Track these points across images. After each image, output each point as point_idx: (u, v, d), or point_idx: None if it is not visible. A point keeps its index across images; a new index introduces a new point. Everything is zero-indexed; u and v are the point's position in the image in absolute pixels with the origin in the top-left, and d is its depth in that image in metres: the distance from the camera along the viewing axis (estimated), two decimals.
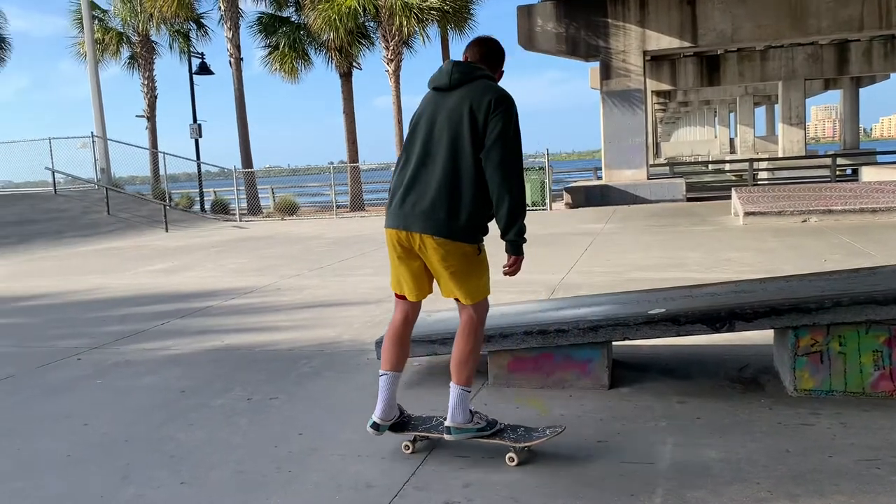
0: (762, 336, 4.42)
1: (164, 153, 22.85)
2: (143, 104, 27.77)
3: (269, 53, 25.70)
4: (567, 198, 18.77)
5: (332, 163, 22.69)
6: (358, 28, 24.26)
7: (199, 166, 24.04)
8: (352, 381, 4.40)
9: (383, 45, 23.75)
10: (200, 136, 24.45)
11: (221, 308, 7.08)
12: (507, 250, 3.07)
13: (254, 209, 23.13)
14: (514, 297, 6.66)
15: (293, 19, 25.90)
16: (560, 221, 14.67)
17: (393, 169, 3.25)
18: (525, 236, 3.05)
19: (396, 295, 3.24)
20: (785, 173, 27.19)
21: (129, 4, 26.41)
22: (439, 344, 4.13)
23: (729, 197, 14.53)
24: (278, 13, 26.00)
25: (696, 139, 70.23)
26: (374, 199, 27.11)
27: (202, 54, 25.21)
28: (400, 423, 3.25)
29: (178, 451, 3.42)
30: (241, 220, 20.59)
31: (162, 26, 26.45)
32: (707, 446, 3.14)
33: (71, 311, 7.37)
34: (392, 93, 23.89)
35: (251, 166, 24.45)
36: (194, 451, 3.41)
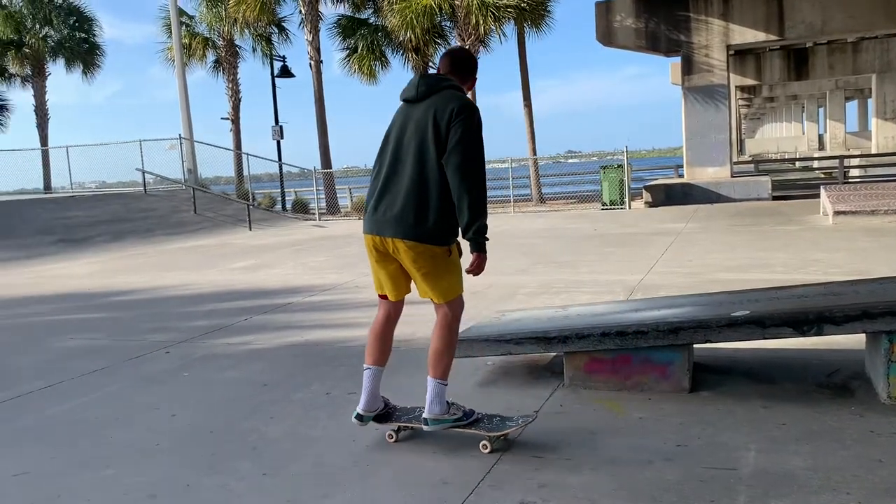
0: (852, 341, 4.23)
1: (247, 154, 23.58)
2: (228, 107, 28.67)
3: (348, 55, 26.13)
4: (646, 196, 18.38)
5: None
6: (434, 27, 24.41)
7: (280, 167, 24.66)
8: (426, 379, 4.42)
9: (459, 43, 23.81)
10: (282, 138, 25.08)
11: (302, 304, 7.25)
12: (470, 249, 3.17)
13: (332, 208, 23.60)
14: (590, 298, 6.58)
15: (371, 21, 26.26)
16: (639, 220, 14.39)
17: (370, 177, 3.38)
18: (487, 236, 3.17)
19: (379, 295, 3.47)
20: (878, 171, 25.89)
21: (214, 10, 27.32)
22: (514, 344, 4.11)
23: (817, 195, 13.95)
24: (357, 15, 26.40)
25: (783, 135, 67.64)
26: None
27: (284, 57, 25.86)
28: (385, 414, 3.42)
29: (259, 442, 3.53)
30: (320, 220, 21.03)
31: (245, 31, 27.25)
32: (793, 453, 3.03)
33: (160, 306, 7.69)
34: (468, 92, 23.91)
35: (330, 167, 24.93)
36: (275, 444, 3.50)
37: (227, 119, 28.54)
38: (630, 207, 17.99)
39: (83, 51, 30.87)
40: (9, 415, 4.19)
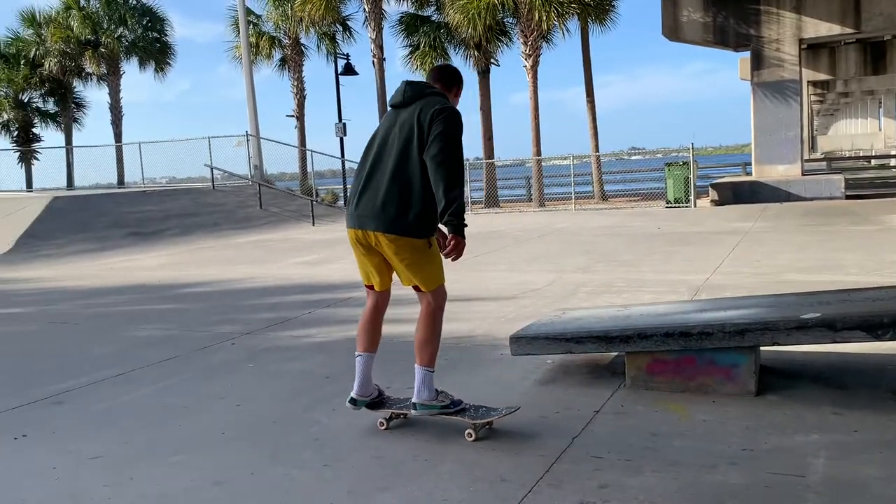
0: None
1: (311, 151, 23.96)
2: (293, 104, 29.23)
3: (410, 53, 26.31)
4: (713, 194, 17.96)
5: (467, 159, 22.92)
6: (496, 24, 24.35)
7: (343, 164, 24.98)
8: (485, 375, 4.44)
9: (521, 40, 23.71)
10: (345, 135, 25.40)
11: (362, 299, 7.30)
12: (447, 232, 3.30)
13: None
14: (653, 297, 6.48)
15: (433, 18, 26.38)
16: (705, 219, 14.07)
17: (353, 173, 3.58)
18: (461, 223, 3.27)
19: (366, 286, 3.64)
20: None
21: (280, 9, 27.87)
22: (574, 343, 4.08)
23: (894, 195, 13.38)
24: (419, 12, 26.55)
25: (857, 132, 65.11)
26: (508, 196, 27.17)
27: (347, 55, 26.13)
28: (378, 402, 3.62)
29: (321, 434, 3.59)
30: None
31: (310, 29, 27.71)
32: (866, 462, 2.92)
33: (226, 299, 7.90)
34: (529, 88, 23.81)
35: None
36: (337, 435, 3.56)
37: (292, 116, 29.09)
38: (696, 206, 17.60)
39: (155, 50, 31.91)
40: (85, 400, 4.38)
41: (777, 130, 17.58)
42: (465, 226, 3.31)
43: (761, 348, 3.85)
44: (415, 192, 3.26)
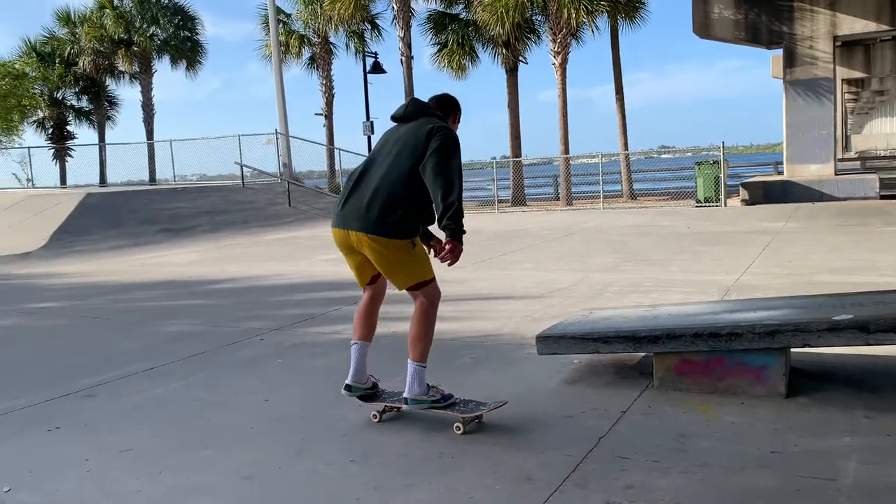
0: None
1: (339, 149, 24.10)
2: (322, 102, 29.41)
3: (438, 51, 26.33)
4: (743, 193, 17.74)
5: (494, 158, 22.90)
6: (525, 22, 24.28)
7: None
8: (511, 374, 4.43)
9: (550, 37, 23.60)
10: (373, 133, 25.52)
11: (389, 296, 7.34)
12: (445, 237, 3.35)
13: None
14: (682, 298, 6.42)
15: (462, 16, 26.37)
16: (735, 218, 13.91)
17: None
18: (459, 227, 3.31)
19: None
20: None
21: (310, 7, 28.04)
22: (601, 342, 4.06)
23: None
24: (448, 10, 26.56)
25: (893, 131, 63.84)
26: (536, 194, 27.08)
27: (375, 54, 26.35)
28: (373, 395, 3.73)
29: (348, 429, 3.62)
30: None
31: (339, 28, 27.86)
32: None
33: (255, 295, 7.98)
34: (558, 86, 23.69)
35: None
36: (363, 431, 3.58)
37: (321, 115, 29.27)
38: (726, 205, 17.40)
39: (187, 48, 32.33)
40: (116, 393, 4.45)
41: (810, 129, 17.31)
42: (464, 231, 3.35)
43: (792, 350, 3.80)
44: (399, 197, 3.36)
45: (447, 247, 3.36)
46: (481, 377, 4.41)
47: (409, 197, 3.37)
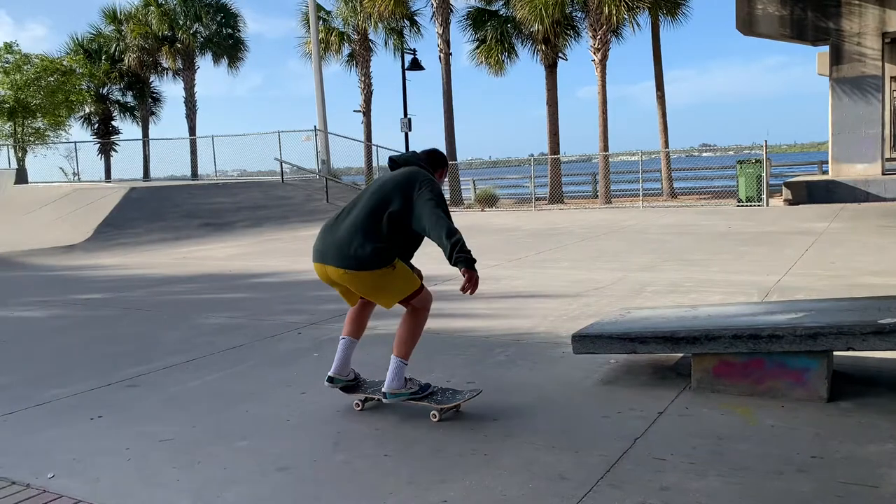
0: None
1: (377, 146, 24.21)
2: (360, 99, 29.57)
3: (477, 47, 26.28)
4: (786, 193, 17.39)
5: (532, 155, 22.79)
6: (564, 18, 24.11)
7: None
8: (546, 373, 4.42)
9: (590, 34, 23.40)
10: (410, 130, 25.58)
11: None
12: (461, 271, 3.49)
13: (456, 200, 23.87)
14: (721, 298, 6.33)
15: (501, 12, 26.28)
16: (777, 219, 13.65)
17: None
18: (469, 255, 3.46)
19: None
20: None
21: (350, 4, 28.21)
22: (639, 343, 4.02)
23: None
24: (487, 7, 26.49)
25: None
26: (573, 192, 26.88)
27: (414, 50, 26.32)
28: (353, 386, 3.93)
29: (382, 424, 3.64)
30: None
31: (379, 25, 27.98)
32: None
33: (293, 290, 8.06)
34: (597, 83, 23.48)
35: (455, 159, 25.20)
36: (397, 426, 3.60)
37: (360, 111, 29.42)
38: (768, 205, 17.08)
39: (229, 45, 32.79)
40: (157, 384, 4.54)
41: (856, 128, 16.90)
42: (474, 260, 3.48)
43: (835, 353, 3.72)
44: (373, 233, 3.53)
45: (465, 277, 3.49)
46: (516, 375, 4.40)
47: (381, 234, 3.54)
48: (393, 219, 3.55)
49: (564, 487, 2.84)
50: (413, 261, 3.82)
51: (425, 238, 3.65)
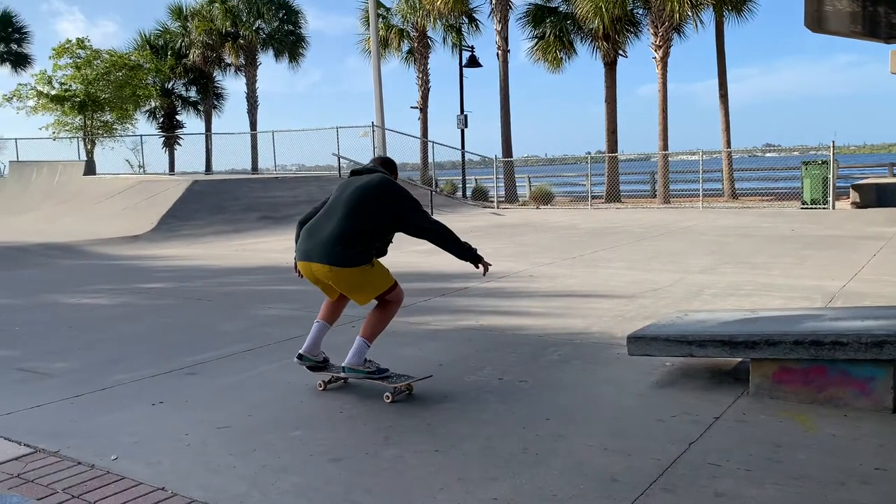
0: None
1: (432, 142, 24.29)
2: (417, 96, 29.69)
3: (535, 44, 26.11)
4: (854, 196, 16.81)
5: (589, 153, 22.52)
6: (625, 15, 23.76)
7: (463, 155, 25.18)
8: (599, 374, 4.37)
9: (651, 31, 23.02)
10: (466, 127, 25.58)
11: (477, 290, 7.39)
12: (474, 265, 4.13)
13: (511, 197, 23.79)
14: (782, 303, 6.17)
15: (560, 9, 26.05)
16: (843, 222, 13.21)
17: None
18: (468, 248, 4.11)
19: None
20: None
21: (409, 1, 28.33)
22: (696, 346, 3.95)
23: None
24: (546, 4, 26.29)
25: None
26: (631, 191, 26.49)
27: (472, 47, 26.29)
28: (321, 367, 4.25)
29: (433, 419, 3.66)
30: (497, 207, 21.27)
31: (437, 21, 28.03)
32: None
33: None
34: (658, 80, 23.09)
35: (511, 156, 25.12)
36: (448, 422, 3.61)
37: (416, 108, 29.55)
38: (834, 207, 16.55)
39: (290, 42, 33.30)
40: (215, 372, 4.66)
41: None
42: (476, 251, 4.10)
43: None
44: (355, 235, 3.89)
45: (481, 269, 4.13)
46: (569, 375, 4.37)
47: (361, 236, 3.90)
48: (374, 224, 3.94)
49: (616, 490, 2.81)
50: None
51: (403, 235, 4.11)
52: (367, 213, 3.94)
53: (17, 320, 6.59)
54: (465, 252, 4.09)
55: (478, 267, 4.12)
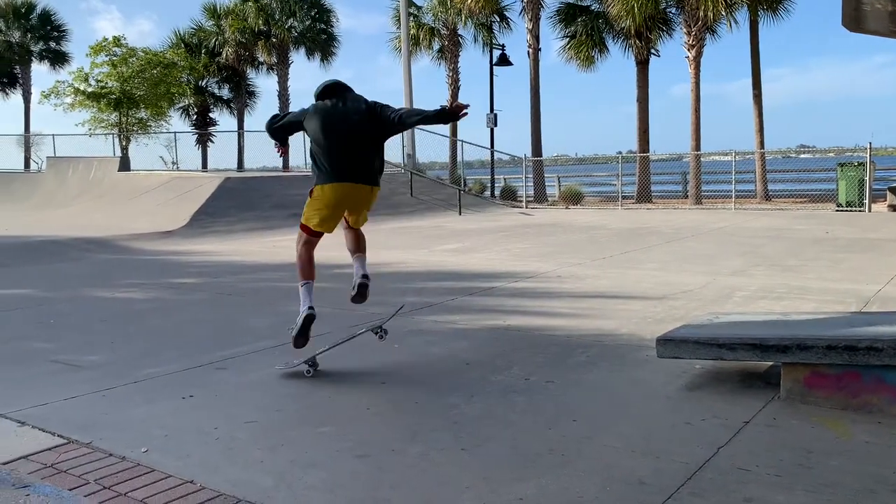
0: None
1: (461, 141, 24.30)
2: (447, 94, 29.70)
3: (567, 43, 25.97)
4: (891, 198, 16.49)
5: (620, 152, 22.35)
6: (658, 13, 23.53)
7: (492, 154, 25.15)
8: (627, 375, 4.34)
9: (684, 30, 22.77)
10: (495, 126, 25.53)
11: (505, 290, 7.38)
12: (440, 117, 4.46)
13: (539, 197, 23.69)
14: (816, 307, 6.06)
15: (592, 8, 25.88)
16: (880, 225, 12.96)
17: (315, 150, 4.64)
18: (438, 110, 4.42)
19: (310, 232, 4.84)
20: None
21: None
22: (726, 349, 3.90)
23: None
24: (578, 3, 26.13)
25: None
26: (662, 191, 26.23)
27: (503, 46, 26.24)
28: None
29: (460, 418, 3.66)
30: (526, 207, 21.21)
31: (468, 20, 28.01)
32: None
33: (376, 281, 8.13)
34: (691, 80, 22.84)
35: (540, 155, 25.02)
36: (474, 421, 3.61)
37: (445, 107, 29.55)
38: (870, 210, 16.23)
39: (322, 41, 33.53)
40: (244, 367, 4.71)
41: None
42: (445, 108, 4.40)
43: None
44: (378, 156, 4.58)
45: (455, 107, 4.36)
46: (597, 377, 4.34)
47: (380, 155, 4.60)
48: (383, 140, 4.59)
49: (643, 493, 2.79)
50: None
51: None
52: (379, 135, 4.53)
53: (52, 313, 6.72)
54: (439, 113, 4.40)
55: (458, 114, 4.36)
